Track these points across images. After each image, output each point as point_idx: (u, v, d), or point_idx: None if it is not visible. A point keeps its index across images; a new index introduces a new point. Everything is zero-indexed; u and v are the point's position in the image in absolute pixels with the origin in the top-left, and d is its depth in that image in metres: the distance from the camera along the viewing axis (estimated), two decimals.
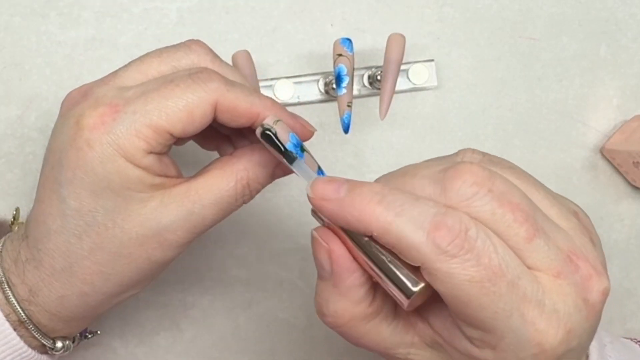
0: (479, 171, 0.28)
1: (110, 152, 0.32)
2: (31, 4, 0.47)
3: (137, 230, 0.33)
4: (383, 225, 0.27)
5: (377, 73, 0.47)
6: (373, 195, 0.28)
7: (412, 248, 0.27)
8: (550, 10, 0.51)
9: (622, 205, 0.51)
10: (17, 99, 0.47)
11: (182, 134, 0.33)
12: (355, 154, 0.49)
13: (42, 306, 0.35)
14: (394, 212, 0.27)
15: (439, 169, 0.29)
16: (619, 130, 0.50)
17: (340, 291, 0.30)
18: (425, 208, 0.27)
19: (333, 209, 0.29)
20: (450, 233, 0.26)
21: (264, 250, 0.49)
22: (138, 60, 0.35)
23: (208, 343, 0.48)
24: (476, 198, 0.27)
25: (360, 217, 0.28)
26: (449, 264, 0.26)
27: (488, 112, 0.50)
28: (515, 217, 0.27)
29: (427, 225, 0.27)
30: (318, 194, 0.29)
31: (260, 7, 0.49)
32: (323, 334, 0.49)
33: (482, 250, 0.27)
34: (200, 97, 0.32)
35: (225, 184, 0.34)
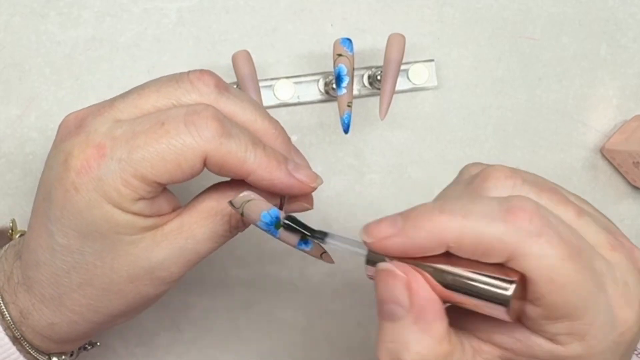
0: (504, 168, 0.28)
1: (96, 198, 0.30)
2: (31, 4, 0.47)
3: (127, 269, 0.32)
4: (457, 231, 0.26)
5: (377, 73, 0.47)
6: (432, 210, 0.27)
7: (495, 241, 0.25)
8: (550, 10, 0.51)
9: (622, 205, 0.51)
10: (17, 99, 0.47)
11: (170, 183, 0.31)
12: (355, 154, 0.49)
13: (33, 328, 0.34)
14: (460, 215, 0.26)
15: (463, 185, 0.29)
16: (619, 130, 0.50)
17: (423, 327, 0.27)
18: (488, 201, 0.26)
19: (400, 241, 0.27)
20: (526, 213, 0.25)
21: (264, 250, 0.49)
22: (136, 92, 0.33)
23: (208, 343, 0.48)
24: (517, 189, 0.27)
25: (431, 234, 0.26)
26: (538, 244, 0.25)
27: (488, 112, 0.50)
28: (559, 199, 0.27)
29: (500, 214, 0.25)
30: (377, 235, 0.27)
31: (260, 7, 0.49)
32: (323, 334, 0.49)
33: (559, 226, 0.26)
34: (190, 148, 0.30)
35: (219, 218, 0.33)
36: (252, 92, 0.43)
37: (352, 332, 0.49)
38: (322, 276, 0.49)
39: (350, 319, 0.49)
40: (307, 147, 0.49)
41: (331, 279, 0.49)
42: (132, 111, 0.32)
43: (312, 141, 0.49)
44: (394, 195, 0.49)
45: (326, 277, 0.49)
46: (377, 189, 0.49)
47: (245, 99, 0.34)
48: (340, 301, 0.49)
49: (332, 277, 0.49)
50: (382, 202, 0.49)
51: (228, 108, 0.33)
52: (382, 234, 0.27)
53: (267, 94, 0.47)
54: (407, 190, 0.49)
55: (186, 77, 0.33)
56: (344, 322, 0.49)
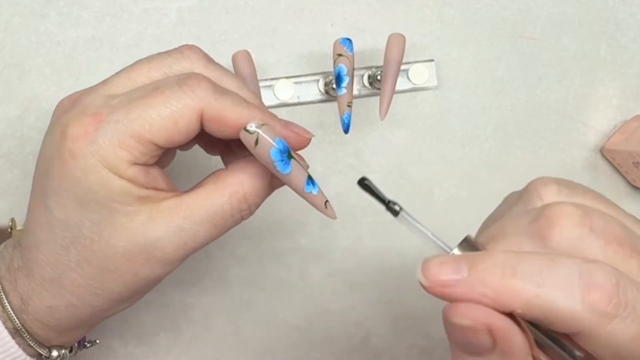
0: (572, 211, 0.26)
1: (92, 162, 0.31)
2: (31, 4, 0.47)
3: (124, 245, 0.32)
4: (527, 300, 0.24)
5: (377, 73, 0.47)
6: (504, 269, 0.25)
7: (567, 318, 0.24)
8: (550, 10, 0.51)
9: (622, 205, 0.50)
10: (17, 99, 0.47)
11: (167, 144, 0.32)
12: (355, 154, 0.49)
13: (33, 315, 0.34)
14: (535, 283, 0.24)
15: (527, 221, 0.27)
16: (619, 130, 0.50)
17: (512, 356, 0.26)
18: (567, 270, 0.25)
19: (462, 293, 0.25)
20: (606, 293, 0.24)
21: (264, 250, 0.49)
22: (128, 67, 0.34)
23: (208, 343, 0.48)
24: (582, 240, 0.26)
25: (497, 296, 0.25)
26: (611, 326, 0.24)
27: (488, 112, 0.50)
28: (625, 252, 0.26)
29: (578, 290, 0.24)
30: (436, 280, 0.26)
31: (260, 7, 0.49)
32: (323, 334, 0.49)
33: (635, 301, 0.24)
34: (185, 104, 0.31)
35: (218, 198, 0.33)
36: None
37: (352, 332, 0.49)
38: (322, 276, 0.49)
39: (350, 319, 0.49)
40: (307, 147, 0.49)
41: (331, 279, 0.49)
42: (126, 83, 0.33)
43: (312, 141, 0.49)
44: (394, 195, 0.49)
45: (326, 277, 0.49)
46: None
47: (230, 73, 0.35)
48: (340, 301, 0.49)
49: (332, 277, 0.49)
50: None
51: (216, 77, 0.34)
52: (442, 281, 0.26)
53: (267, 94, 0.47)
54: (407, 190, 0.49)
55: (176, 49, 0.34)
56: (344, 322, 0.49)
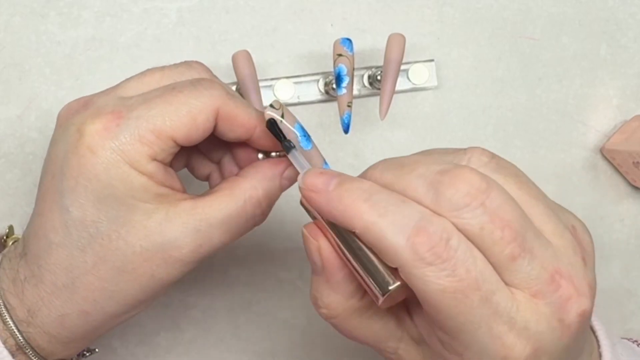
0: (475, 181, 0.27)
1: (113, 157, 0.31)
2: (31, 4, 0.47)
3: (141, 243, 0.32)
4: (365, 224, 0.28)
5: (377, 73, 0.47)
6: (360, 193, 0.28)
7: (390, 250, 0.27)
8: (550, 10, 0.51)
9: (622, 205, 0.51)
10: (17, 99, 0.47)
11: (185, 141, 0.33)
12: (355, 154, 0.49)
13: (41, 327, 0.34)
14: (377, 212, 0.27)
15: (437, 169, 0.28)
16: (619, 130, 0.50)
17: (331, 285, 0.31)
18: (410, 212, 0.27)
19: (320, 202, 0.29)
20: (429, 240, 0.26)
21: (264, 250, 0.49)
22: (140, 73, 0.35)
23: (208, 343, 0.48)
24: (467, 210, 0.27)
25: (344, 213, 0.28)
26: (424, 270, 0.26)
27: (488, 112, 0.50)
28: (503, 235, 0.27)
29: (409, 230, 0.27)
30: (308, 185, 0.30)
31: (260, 7, 0.49)
32: (323, 334, 0.49)
33: (461, 261, 0.26)
34: (204, 102, 0.33)
35: (233, 203, 0.34)
36: (252, 92, 0.43)
37: None
38: None
39: None
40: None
41: None
42: (139, 87, 0.34)
43: None
44: None
45: None
46: None
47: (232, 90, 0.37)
48: None
49: None
50: None
51: None
52: (312, 187, 0.30)
53: (267, 94, 0.47)
54: None
55: (183, 62, 0.36)
56: None
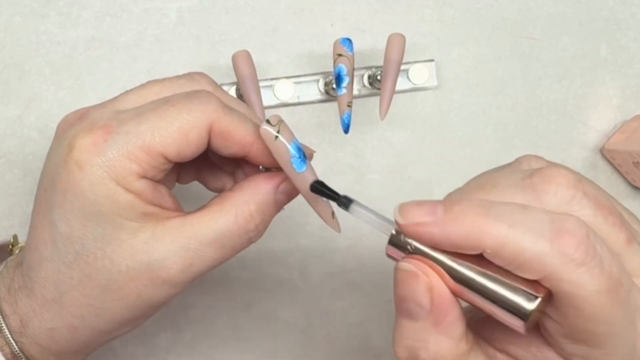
0: (569, 174, 0.27)
1: (100, 174, 0.30)
2: (31, 4, 0.47)
3: (127, 263, 0.31)
4: (498, 239, 0.25)
5: (377, 73, 0.47)
6: (478, 209, 0.26)
7: (534, 260, 0.25)
8: (550, 10, 0.51)
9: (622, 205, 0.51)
10: (17, 99, 0.47)
11: (177, 157, 0.31)
12: (355, 154, 0.49)
13: (33, 338, 0.34)
14: (506, 223, 0.25)
15: (520, 176, 0.27)
16: (619, 130, 0.50)
17: (442, 329, 0.27)
18: (539, 215, 0.25)
19: (434, 232, 0.26)
20: (574, 239, 0.24)
21: (264, 250, 0.49)
22: (139, 86, 0.34)
23: (208, 343, 0.48)
24: (575, 202, 0.26)
25: (469, 234, 0.25)
26: (577, 273, 0.24)
27: (488, 112, 0.50)
28: (614, 221, 0.26)
29: (548, 233, 0.25)
30: (412, 219, 0.26)
31: (260, 7, 0.49)
32: (323, 334, 0.49)
33: (605, 256, 0.25)
34: (196, 117, 0.31)
35: (224, 218, 0.32)
36: (252, 92, 0.43)
37: (352, 332, 0.49)
38: (322, 276, 0.49)
39: (350, 319, 0.49)
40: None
41: (331, 279, 0.49)
42: (137, 100, 0.33)
43: (312, 141, 0.49)
44: (394, 195, 0.49)
45: (326, 277, 0.49)
46: (377, 189, 0.49)
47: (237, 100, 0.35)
48: (340, 301, 0.49)
49: (332, 277, 0.49)
50: (382, 202, 0.49)
51: (224, 98, 0.34)
52: (418, 219, 0.26)
53: (267, 94, 0.47)
54: (407, 190, 0.49)
55: (186, 74, 0.34)
56: (344, 322, 0.49)
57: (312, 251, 0.49)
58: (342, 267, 0.49)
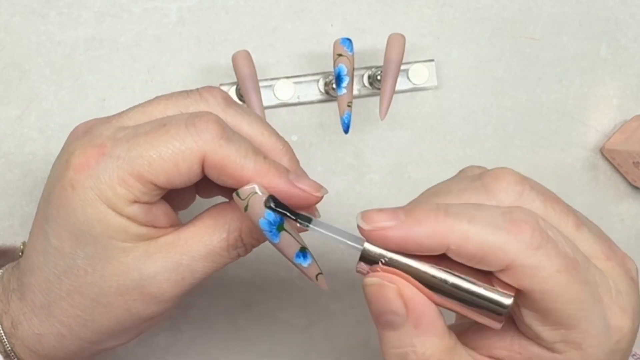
0: (514, 172, 0.29)
1: (91, 196, 0.30)
2: (31, 4, 0.47)
3: (118, 279, 0.31)
4: (461, 235, 0.26)
5: (377, 73, 0.47)
6: (437, 210, 0.27)
7: (496, 250, 0.26)
8: (550, 10, 0.51)
9: (622, 205, 0.51)
10: (17, 99, 0.47)
11: (167, 185, 0.31)
12: (355, 154, 0.49)
13: (22, 340, 0.34)
14: (465, 219, 0.27)
15: (470, 180, 0.29)
16: (619, 130, 0.50)
17: (424, 329, 0.28)
18: (492, 210, 0.27)
19: (399, 234, 0.27)
20: (528, 226, 0.26)
21: (264, 250, 0.48)
22: (146, 102, 0.33)
23: (208, 343, 0.48)
24: (525, 195, 0.28)
25: (433, 233, 0.27)
26: (537, 256, 0.26)
27: (488, 112, 0.50)
28: (562, 208, 0.28)
29: (504, 224, 0.26)
30: (376, 223, 0.27)
31: (260, 7, 0.49)
32: (323, 334, 0.49)
33: (558, 239, 0.27)
34: (188, 147, 0.30)
35: (217, 235, 0.32)
36: (252, 92, 0.43)
37: (352, 332, 0.49)
38: None
39: (350, 319, 0.49)
40: (307, 147, 0.49)
41: (331, 279, 0.49)
42: (140, 117, 0.32)
43: (312, 141, 0.49)
44: (394, 195, 0.49)
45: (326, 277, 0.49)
46: (377, 189, 0.49)
47: (253, 114, 0.34)
48: (340, 301, 0.49)
49: (332, 277, 0.49)
50: (382, 202, 0.49)
51: (235, 120, 0.33)
52: (381, 224, 0.27)
53: (267, 94, 0.47)
54: (407, 190, 0.49)
55: (196, 91, 0.33)
56: (344, 322, 0.49)
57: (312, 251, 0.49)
58: (342, 267, 0.49)
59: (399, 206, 0.28)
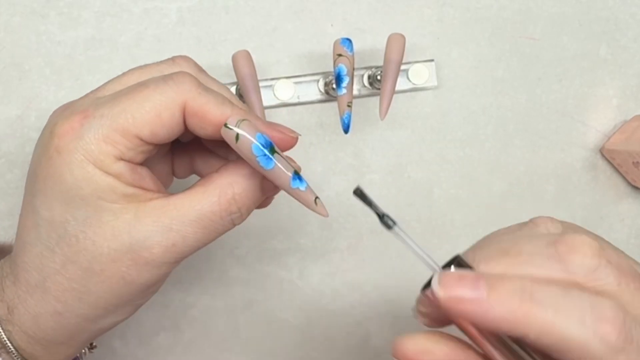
0: (593, 242, 0.27)
1: (78, 158, 0.31)
2: (31, 4, 0.47)
3: (109, 244, 0.31)
4: (543, 326, 0.25)
5: (377, 73, 0.47)
6: (523, 293, 0.26)
7: (578, 347, 0.25)
8: (550, 10, 0.51)
9: (622, 205, 0.51)
10: (17, 99, 0.47)
11: (152, 138, 0.32)
12: (355, 154, 0.49)
13: (19, 326, 0.34)
14: (552, 310, 0.25)
15: (544, 243, 0.28)
16: (619, 130, 0.50)
17: None
18: (579, 299, 0.26)
19: (475, 311, 0.26)
20: (615, 326, 0.25)
21: (264, 250, 0.49)
22: (121, 74, 0.34)
23: (208, 343, 0.48)
24: (600, 270, 0.27)
25: (515, 319, 0.25)
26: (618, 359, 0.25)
27: (488, 112, 0.50)
28: (636, 286, 0.27)
29: (590, 320, 0.25)
30: (452, 291, 0.26)
31: (260, 7, 0.49)
32: (323, 334, 0.49)
33: (638, 337, 0.26)
34: (169, 97, 0.31)
35: (207, 199, 0.32)
36: (252, 92, 0.43)
37: (352, 332, 0.49)
38: (322, 276, 0.49)
39: (350, 319, 0.49)
40: (307, 147, 0.49)
41: (331, 279, 0.49)
42: (117, 87, 0.33)
43: (312, 141, 0.49)
44: (394, 195, 0.49)
45: (326, 277, 0.49)
46: (377, 189, 0.49)
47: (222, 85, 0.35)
48: (340, 301, 0.49)
49: (332, 277, 0.49)
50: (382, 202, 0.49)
51: (205, 81, 0.34)
52: (458, 293, 0.26)
53: (267, 94, 0.47)
54: (407, 190, 0.49)
55: (168, 59, 0.35)
56: (344, 322, 0.49)
57: (312, 251, 0.49)
58: (342, 267, 0.49)
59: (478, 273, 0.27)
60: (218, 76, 0.48)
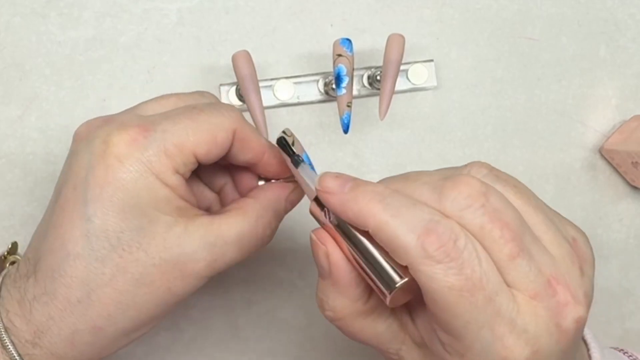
0: (475, 185, 0.29)
1: (141, 168, 0.32)
2: (31, 4, 0.47)
3: (161, 255, 0.33)
4: (379, 223, 0.29)
5: (376, 73, 0.48)
6: (375, 195, 0.29)
7: (401, 248, 0.28)
8: (550, 10, 0.51)
9: (621, 205, 0.51)
10: (17, 99, 0.47)
11: (205, 156, 0.34)
12: (355, 154, 0.49)
13: (49, 348, 0.33)
14: (390, 212, 0.29)
15: (440, 178, 0.30)
16: (618, 130, 0.50)
17: (338, 289, 0.32)
18: (420, 213, 0.28)
19: (335, 203, 0.30)
20: (439, 239, 0.28)
21: (264, 250, 0.49)
22: (156, 97, 0.37)
23: (208, 343, 0.48)
24: (469, 210, 0.28)
25: (359, 213, 0.29)
26: (432, 268, 0.27)
27: (488, 112, 0.50)
28: (502, 234, 0.28)
29: (419, 230, 0.28)
30: (325, 187, 0.31)
31: (260, 7, 0.49)
32: (322, 334, 0.49)
33: (467, 261, 0.28)
34: (223, 122, 0.34)
35: (247, 222, 0.35)
36: (252, 92, 0.43)
37: None
38: None
39: None
40: (307, 147, 0.49)
41: None
42: (156, 108, 0.35)
43: (312, 141, 0.49)
44: None
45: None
46: None
47: None
48: None
49: None
50: None
51: None
52: (329, 189, 0.31)
53: (267, 94, 0.47)
54: None
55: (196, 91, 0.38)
56: None
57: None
58: None
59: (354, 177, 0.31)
60: (218, 76, 0.48)
